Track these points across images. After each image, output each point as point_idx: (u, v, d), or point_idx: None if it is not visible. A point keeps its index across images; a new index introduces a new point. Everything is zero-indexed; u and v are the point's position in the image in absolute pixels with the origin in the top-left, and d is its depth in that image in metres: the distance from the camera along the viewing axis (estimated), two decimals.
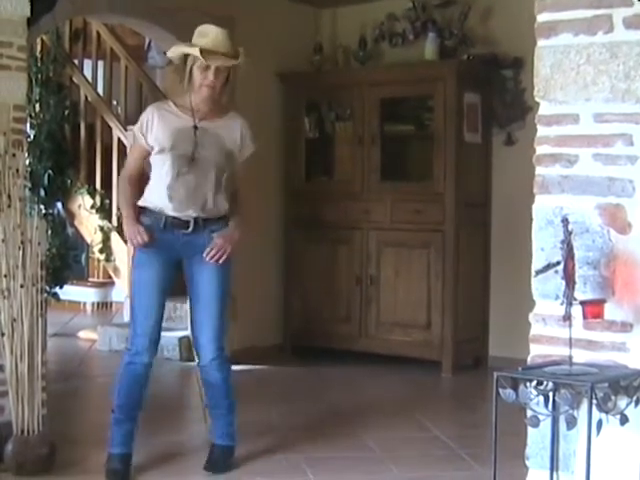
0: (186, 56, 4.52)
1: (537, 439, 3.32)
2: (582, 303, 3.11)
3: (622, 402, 3.06)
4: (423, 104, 7.54)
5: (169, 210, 4.51)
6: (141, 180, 4.65)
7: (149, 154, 4.57)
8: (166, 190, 4.50)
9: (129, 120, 9.37)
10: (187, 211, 4.53)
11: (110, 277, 9.83)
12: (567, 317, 3.10)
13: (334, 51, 8.14)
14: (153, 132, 4.53)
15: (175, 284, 8.18)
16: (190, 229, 4.54)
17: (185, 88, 4.55)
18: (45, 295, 4.73)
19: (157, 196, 4.53)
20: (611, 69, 3.18)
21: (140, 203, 4.56)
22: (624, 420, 3.06)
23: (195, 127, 4.54)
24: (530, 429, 3.29)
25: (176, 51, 4.59)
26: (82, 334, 8.90)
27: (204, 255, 4.57)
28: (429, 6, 7.63)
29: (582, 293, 3.16)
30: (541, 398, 3.15)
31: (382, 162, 7.51)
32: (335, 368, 7.41)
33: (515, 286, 6.55)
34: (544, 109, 3.34)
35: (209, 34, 4.57)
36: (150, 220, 4.53)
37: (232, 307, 7.60)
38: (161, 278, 4.59)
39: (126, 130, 8.85)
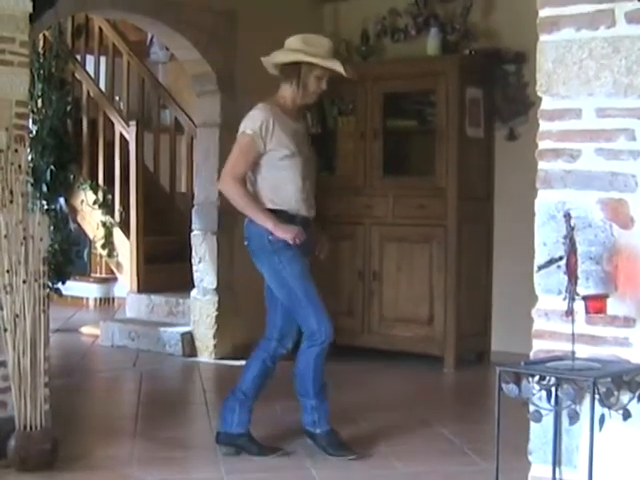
0: (298, 63, 4.77)
1: (540, 434, 3.32)
2: (584, 298, 3.10)
3: (625, 397, 3.06)
4: (425, 99, 7.54)
5: (302, 211, 4.80)
6: None
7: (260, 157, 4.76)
8: (300, 193, 4.78)
9: (131, 115, 9.40)
10: (311, 210, 4.86)
11: (112, 273, 9.84)
12: (570, 312, 3.10)
13: (336, 46, 8.08)
14: (275, 136, 4.72)
15: (179, 279, 8.22)
16: (311, 226, 4.88)
17: (300, 94, 4.82)
18: (47, 291, 4.73)
19: (289, 199, 4.78)
20: (613, 64, 3.18)
21: (273, 207, 4.76)
22: (627, 415, 3.06)
23: (302, 130, 4.90)
24: (533, 424, 3.29)
25: (286, 58, 4.83)
26: (84, 329, 8.91)
27: (325, 252, 5.09)
28: (431, 1, 7.65)
29: (585, 288, 3.16)
30: (544, 393, 3.15)
31: (384, 157, 7.51)
32: (337, 363, 7.35)
33: (517, 281, 6.56)
34: (546, 104, 3.33)
35: (320, 44, 4.85)
36: (285, 222, 4.73)
37: (234, 303, 7.65)
38: None
39: (128, 126, 8.86)
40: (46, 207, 8.76)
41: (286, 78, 4.85)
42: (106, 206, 9.10)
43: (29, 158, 6.20)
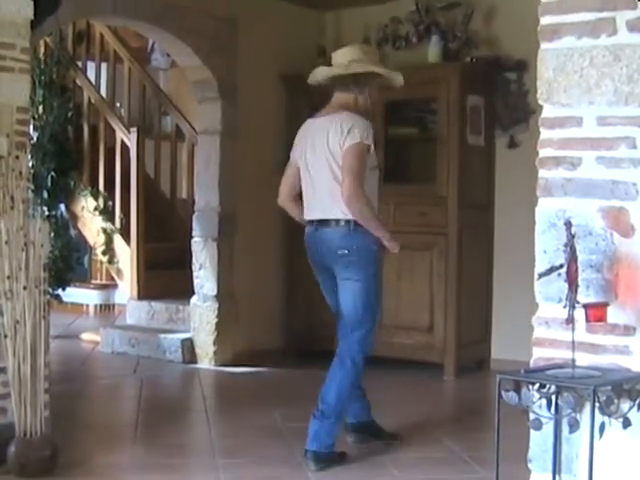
0: (363, 74, 4.89)
1: (540, 442, 3.32)
2: (585, 306, 3.11)
3: (625, 405, 3.06)
4: (426, 106, 7.54)
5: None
6: None
7: None
8: (377, 203, 4.88)
9: (132, 122, 9.40)
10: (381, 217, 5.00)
11: (113, 279, 9.84)
12: (570, 320, 3.10)
13: None
14: (372, 148, 4.84)
15: (179, 286, 8.21)
16: None
17: (369, 103, 4.98)
18: (48, 297, 4.72)
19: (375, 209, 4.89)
20: (614, 72, 3.18)
21: None
22: (627, 423, 3.06)
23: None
24: (533, 432, 3.29)
25: (363, 68, 4.90)
26: (85, 336, 8.90)
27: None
28: (433, 9, 7.65)
29: (585, 296, 3.16)
30: (544, 401, 3.14)
31: (385, 165, 7.46)
32: None
33: (518, 289, 6.56)
34: (547, 112, 3.33)
35: (375, 53, 5.09)
36: None
37: (234, 309, 7.64)
38: None
39: (129, 132, 8.85)
40: (47, 213, 8.75)
41: (354, 89, 4.92)
42: (107, 212, 9.09)
43: (30, 164, 6.19)
